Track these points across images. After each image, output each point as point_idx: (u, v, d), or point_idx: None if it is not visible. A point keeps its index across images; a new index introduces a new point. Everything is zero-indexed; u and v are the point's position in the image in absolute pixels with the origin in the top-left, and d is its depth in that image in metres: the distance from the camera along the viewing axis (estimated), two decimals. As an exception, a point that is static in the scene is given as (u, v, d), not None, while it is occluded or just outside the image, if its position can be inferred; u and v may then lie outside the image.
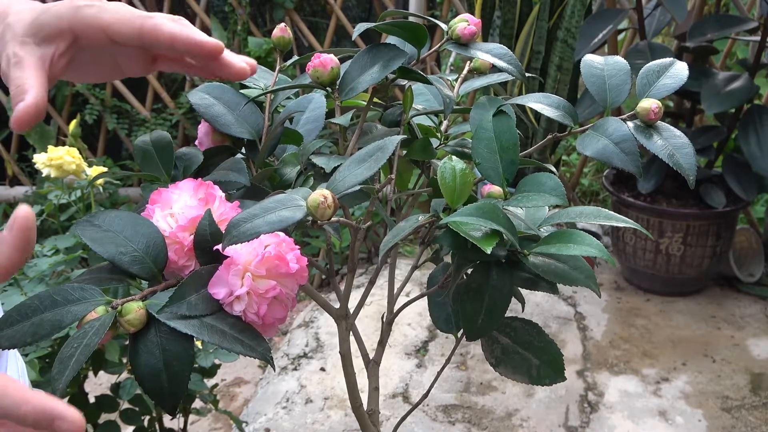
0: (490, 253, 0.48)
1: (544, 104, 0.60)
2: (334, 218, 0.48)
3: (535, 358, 0.60)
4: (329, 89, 0.60)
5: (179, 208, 0.50)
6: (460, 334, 0.61)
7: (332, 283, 0.65)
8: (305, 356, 2.03)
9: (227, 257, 0.47)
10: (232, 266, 0.47)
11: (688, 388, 1.88)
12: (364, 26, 0.61)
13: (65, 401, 1.27)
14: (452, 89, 0.65)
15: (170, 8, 2.69)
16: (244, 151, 0.62)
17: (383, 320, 0.66)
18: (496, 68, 0.62)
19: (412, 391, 1.87)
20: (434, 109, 0.66)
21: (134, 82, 2.71)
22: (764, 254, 2.39)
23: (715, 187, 2.21)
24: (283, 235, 0.48)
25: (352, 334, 0.64)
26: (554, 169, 0.62)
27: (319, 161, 0.57)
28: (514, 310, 0.56)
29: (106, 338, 0.44)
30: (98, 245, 0.49)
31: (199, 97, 0.62)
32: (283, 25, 0.65)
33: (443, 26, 0.62)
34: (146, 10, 2.67)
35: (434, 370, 1.94)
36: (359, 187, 0.50)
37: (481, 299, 0.54)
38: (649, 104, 0.58)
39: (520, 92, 2.18)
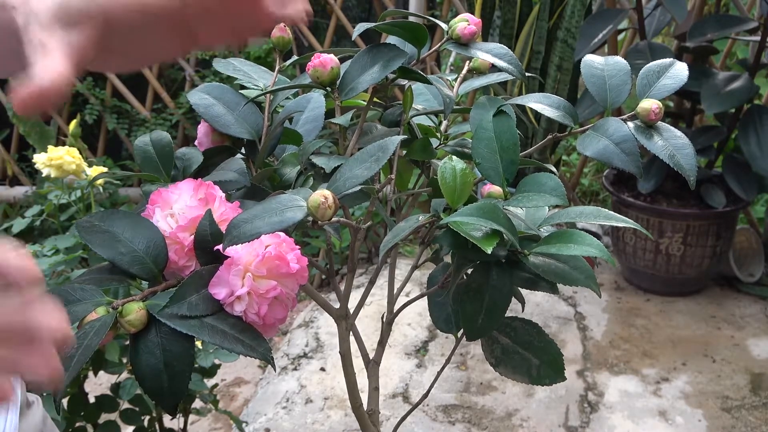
0: (490, 253, 0.48)
1: (544, 104, 0.60)
2: (334, 218, 0.48)
3: (535, 358, 0.60)
4: (329, 89, 0.59)
5: (179, 208, 0.50)
6: (460, 334, 0.61)
7: (332, 283, 0.65)
8: (305, 356, 2.03)
9: (228, 257, 0.47)
10: (232, 266, 0.47)
11: (688, 388, 1.88)
12: (364, 26, 0.61)
13: (64, 401, 1.25)
14: (452, 89, 0.65)
15: (170, 8, 2.68)
16: (243, 151, 0.62)
17: (383, 320, 0.66)
18: (495, 68, 0.62)
19: (412, 391, 1.87)
20: (434, 109, 0.66)
21: (134, 82, 2.71)
22: (764, 254, 2.39)
23: (715, 187, 2.21)
24: (283, 235, 0.48)
25: (352, 334, 0.64)
26: (554, 169, 0.62)
27: (319, 161, 0.57)
28: (514, 310, 0.56)
29: (106, 338, 0.44)
30: (98, 245, 0.49)
31: (198, 97, 0.62)
32: (282, 25, 0.65)
33: (443, 26, 0.62)
34: (146, 10, 2.61)
35: (434, 370, 1.94)
36: (359, 187, 0.50)
37: (481, 299, 0.54)
38: (649, 105, 0.58)
39: (520, 92, 2.18)
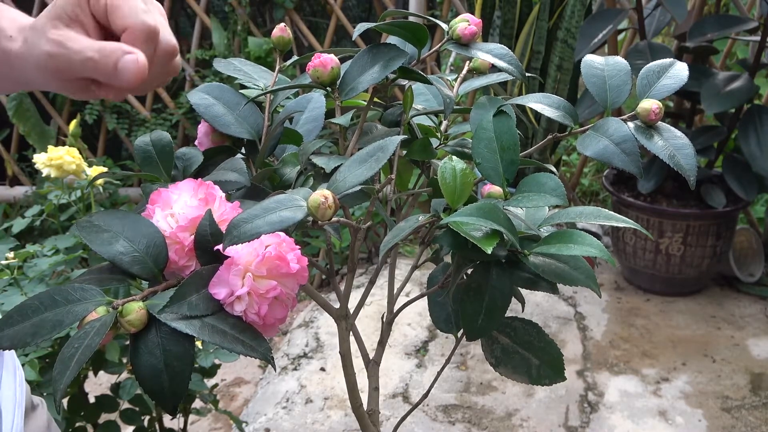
0: (490, 253, 0.48)
1: (544, 104, 0.60)
2: (334, 218, 0.48)
3: (535, 358, 0.60)
4: (329, 89, 0.59)
5: (179, 208, 0.50)
6: (460, 334, 0.61)
7: (332, 283, 0.65)
8: (305, 356, 2.03)
9: (228, 257, 0.47)
10: (232, 266, 0.47)
11: (688, 388, 1.88)
12: (364, 26, 0.61)
13: (64, 401, 1.25)
14: (452, 89, 0.65)
15: (170, 8, 2.69)
16: (244, 151, 0.62)
17: (383, 320, 0.66)
18: (495, 68, 0.62)
19: (412, 391, 1.87)
20: (434, 109, 0.66)
21: (134, 82, 2.70)
22: (764, 254, 2.39)
23: (715, 187, 2.21)
24: (283, 235, 0.48)
25: (352, 334, 0.64)
26: (554, 169, 0.62)
27: (319, 161, 0.57)
28: (514, 310, 0.56)
29: (106, 338, 0.44)
30: (98, 245, 0.49)
31: (199, 97, 0.62)
32: (282, 25, 0.65)
33: (444, 26, 0.62)
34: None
35: (434, 370, 1.94)
36: (359, 187, 0.50)
37: (481, 299, 0.54)
38: (649, 105, 0.58)
39: (520, 92, 2.18)
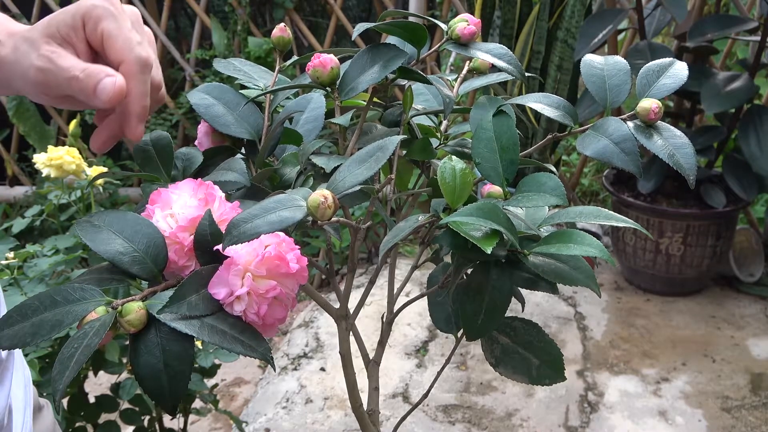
0: (490, 253, 0.48)
1: (544, 104, 0.60)
2: (334, 218, 0.48)
3: (535, 358, 0.60)
4: (329, 89, 0.59)
5: (179, 208, 0.50)
6: (460, 334, 0.61)
7: (332, 283, 0.65)
8: (305, 356, 2.03)
9: (227, 257, 0.47)
10: (232, 266, 0.47)
11: (688, 388, 1.88)
12: (364, 26, 0.60)
13: (64, 401, 1.25)
14: (452, 89, 0.65)
15: (170, 8, 2.69)
16: (243, 151, 0.62)
17: (383, 320, 0.66)
18: (495, 68, 0.62)
19: (412, 391, 1.87)
20: (434, 109, 0.66)
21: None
22: (764, 254, 2.39)
23: (715, 187, 2.21)
24: (283, 235, 0.48)
25: (352, 334, 0.64)
26: (554, 169, 0.62)
27: (319, 161, 0.57)
28: (514, 310, 0.56)
29: (106, 339, 0.44)
30: (98, 245, 0.48)
31: (198, 97, 0.62)
32: (282, 25, 0.65)
33: (443, 26, 0.61)
34: (146, 10, 2.65)
35: (434, 370, 1.94)
36: (359, 187, 0.50)
37: (481, 299, 0.54)
38: (649, 104, 0.57)
39: (520, 92, 2.18)
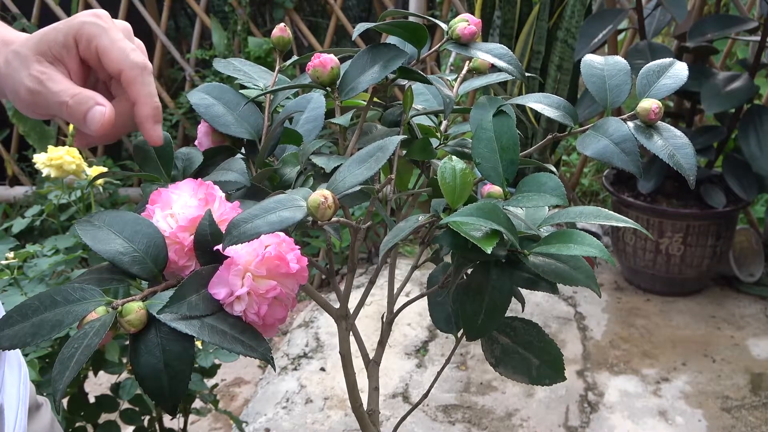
0: (490, 253, 0.48)
1: (544, 104, 0.60)
2: (334, 218, 0.48)
3: (535, 358, 0.60)
4: (329, 89, 0.59)
5: (179, 208, 0.50)
6: (460, 334, 0.61)
7: (332, 283, 0.65)
8: (305, 356, 2.03)
9: (227, 257, 0.47)
10: (232, 266, 0.47)
11: (688, 388, 1.88)
12: (364, 26, 0.60)
13: (64, 401, 1.25)
14: (452, 89, 0.65)
15: (170, 8, 2.69)
16: (243, 151, 0.62)
17: (383, 320, 0.66)
18: (495, 68, 0.62)
19: (412, 391, 1.87)
20: (434, 109, 0.65)
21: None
22: (764, 254, 2.39)
23: (715, 187, 2.21)
24: (283, 235, 0.48)
25: (352, 334, 0.64)
26: (554, 169, 0.62)
27: (319, 161, 0.57)
28: (514, 310, 0.56)
29: (106, 339, 0.44)
30: (98, 245, 0.48)
31: (198, 97, 0.62)
32: (282, 25, 0.65)
33: (443, 26, 0.61)
34: (146, 10, 2.64)
35: (434, 370, 1.94)
36: (359, 187, 0.50)
37: (481, 299, 0.54)
38: (649, 104, 0.57)
39: (520, 92, 2.18)
